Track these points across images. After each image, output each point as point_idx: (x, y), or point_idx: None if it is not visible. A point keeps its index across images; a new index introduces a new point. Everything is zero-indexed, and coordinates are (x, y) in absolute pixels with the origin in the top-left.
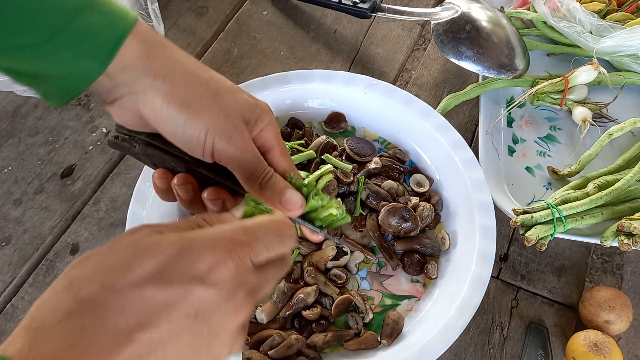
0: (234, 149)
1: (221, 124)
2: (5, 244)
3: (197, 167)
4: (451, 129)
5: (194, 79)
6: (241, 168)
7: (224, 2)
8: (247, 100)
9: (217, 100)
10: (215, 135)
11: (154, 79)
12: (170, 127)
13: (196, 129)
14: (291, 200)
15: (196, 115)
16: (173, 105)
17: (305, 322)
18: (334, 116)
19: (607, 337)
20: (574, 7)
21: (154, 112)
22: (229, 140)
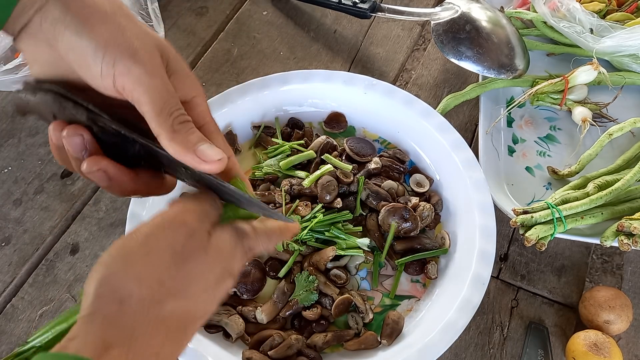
0: (139, 70)
1: (126, 39)
2: (5, 244)
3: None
4: (451, 129)
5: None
6: (149, 97)
7: (224, 2)
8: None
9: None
10: (117, 50)
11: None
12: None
13: (94, 39)
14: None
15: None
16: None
17: (305, 322)
18: (334, 116)
19: (607, 337)
20: (573, 7)
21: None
22: (134, 57)
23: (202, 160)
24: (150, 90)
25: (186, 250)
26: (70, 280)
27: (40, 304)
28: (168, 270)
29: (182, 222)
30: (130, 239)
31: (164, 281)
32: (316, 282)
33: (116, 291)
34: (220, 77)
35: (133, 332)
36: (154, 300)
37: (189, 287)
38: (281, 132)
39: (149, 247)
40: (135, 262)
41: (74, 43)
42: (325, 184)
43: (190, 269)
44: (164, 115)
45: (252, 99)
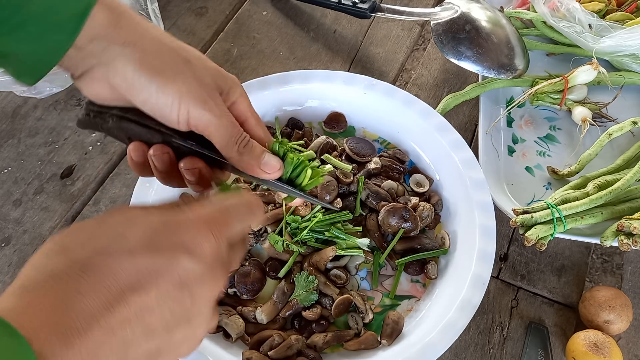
0: (209, 115)
1: (194, 90)
2: (5, 244)
3: (173, 138)
4: (451, 129)
5: (164, 47)
6: (218, 134)
7: (224, 2)
8: (218, 69)
9: (189, 67)
10: (190, 101)
11: (123, 47)
12: (142, 95)
13: (169, 96)
14: (269, 163)
15: (168, 82)
16: (144, 72)
17: (305, 323)
18: (333, 116)
19: (607, 337)
20: (573, 7)
21: (125, 81)
22: (204, 106)
23: (265, 172)
24: (219, 129)
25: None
26: None
27: None
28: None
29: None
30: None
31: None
32: (316, 282)
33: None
34: None
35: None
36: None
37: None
38: (281, 132)
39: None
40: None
41: (151, 99)
42: (325, 184)
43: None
44: (231, 144)
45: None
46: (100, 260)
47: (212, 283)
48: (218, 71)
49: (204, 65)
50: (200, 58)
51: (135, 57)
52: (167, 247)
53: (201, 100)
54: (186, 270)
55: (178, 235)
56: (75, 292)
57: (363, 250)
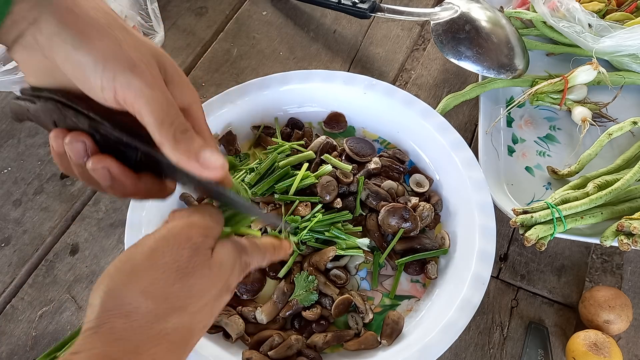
0: (139, 83)
1: (124, 53)
2: (5, 244)
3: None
4: (451, 129)
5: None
6: (150, 108)
7: (224, 2)
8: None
9: (123, 32)
10: (116, 64)
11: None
12: (64, 52)
13: (92, 54)
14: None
15: (95, 40)
16: (69, 27)
17: (305, 323)
18: (333, 116)
19: (607, 337)
20: (573, 7)
21: (48, 38)
22: (133, 70)
23: (204, 167)
24: (151, 101)
25: (190, 266)
26: (70, 280)
27: (40, 304)
28: (172, 286)
29: (187, 238)
30: (136, 251)
31: (168, 296)
32: (316, 282)
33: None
34: (220, 78)
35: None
36: (158, 316)
37: (192, 302)
38: (281, 132)
39: (154, 261)
40: (140, 276)
41: (72, 57)
42: (325, 184)
43: (193, 285)
44: (166, 125)
45: (252, 99)
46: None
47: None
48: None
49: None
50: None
51: (62, 10)
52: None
53: (130, 64)
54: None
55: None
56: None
57: (363, 250)
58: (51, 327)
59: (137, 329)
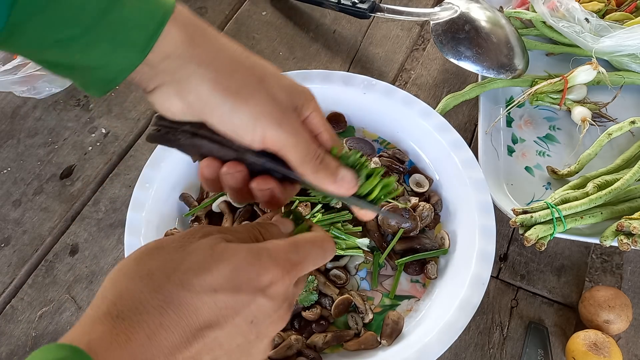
0: (285, 135)
1: (269, 111)
2: (5, 245)
3: (246, 155)
4: (450, 129)
5: (239, 66)
6: (294, 152)
7: (223, 2)
8: (292, 84)
9: (264, 86)
10: (265, 122)
11: (198, 66)
12: (216, 115)
13: (244, 117)
14: (345, 179)
15: (243, 103)
16: (219, 92)
17: (305, 323)
18: (333, 116)
19: (607, 337)
20: (573, 7)
21: (199, 100)
22: (280, 126)
23: (339, 187)
24: (295, 148)
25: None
26: (70, 281)
27: (39, 304)
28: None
29: (203, 228)
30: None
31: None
32: (316, 282)
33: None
34: None
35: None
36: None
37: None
38: None
39: (164, 243)
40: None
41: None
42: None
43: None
44: (307, 162)
45: None
46: (186, 295)
47: (277, 321)
48: (292, 87)
49: (278, 82)
50: (274, 75)
51: (209, 77)
52: (247, 288)
53: (277, 121)
54: (260, 309)
55: (259, 277)
56: (159, 325)
57: (363, 250)
58: (51, 328)
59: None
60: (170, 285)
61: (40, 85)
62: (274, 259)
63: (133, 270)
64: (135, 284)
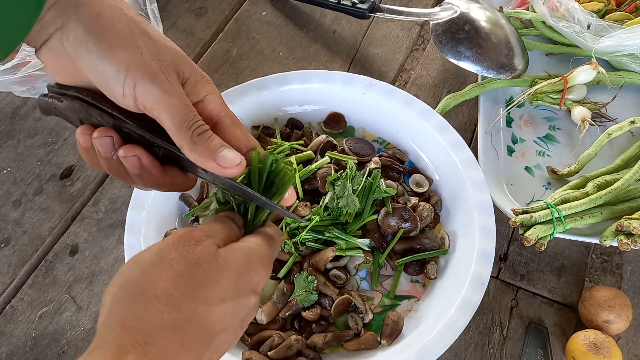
0: (158, 91)
1: (144, 62)
2: (5, 245)
3: (125, 123)
4: (450, 129)
5: (123, 15)
6: (168, 114)
7: (223, 2)
8: (184, 55)
9: (145, 39)
10: (137, 72)
11: (77, 8)
12: (88, 61)
13: (115, 64)
14: (227, 156)
15: (118, 49)
16: (94, 35)
17: (305, 323)
18: (333, 116)
19: (607, 337)
20: (572, 7)
21: (74, 46)
22: (153, 79)
23: (222, 166)
24: (170, 108)
25: (196, 256)
26: (70, 281)
27: (39, 305)
28: (181, 275)
29: (190, 235)
30: (144, 252)
31: (177, 284)
32: (316, 282)
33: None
34: (220, 78)
35: (148, 336)
36: (168, 303)
37: (203, 291)
38: (280, 133)
39: (162, 256)
40: (149, 269)
41: (96, 66)
42: (324, 174)
43: (201, 273)
44: (184, 129)
45: (251, 100)
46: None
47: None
48: (184, 56)
49: (165, 43)
50: (162, 37)
51: (88, 19)
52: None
53: (150, 73)
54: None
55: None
56: (180, 345)
57: (363, 250)
58: (51, 328)
59: (146, 318)
60: (188, 303)
61: (40, 85)
62: (261, 260)
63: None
64: (155, 306)
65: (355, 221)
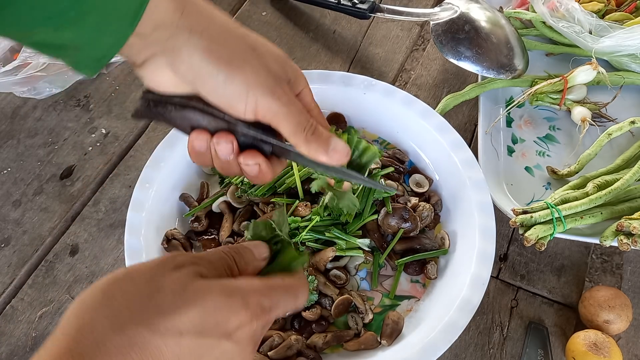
0: (277, 104)
1: (262, 79)
2: (5, 245)
3: (237, 126)
4: (450, 129)
5: (230, 34)
6: (287, 122)
7: (223, 2)
8: (284, 57)
9: (256, 55)
10: (258, 91)
11: (190, 35)
12: (209, 85)
13: (237, 85)
14: (337, 148)
15: (236, 72)
16: (212, 60)
17: (305, 323)
18: (333, 117)
19: (607, 337)
20: (572, 7)
21: (191, 70)
22: (272, 95)
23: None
24: (287, 116)
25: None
26: (70, 281)
27: (39, 305)
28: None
29: (174, 258)
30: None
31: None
32: (316, 282)
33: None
34: None
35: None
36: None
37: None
38: None
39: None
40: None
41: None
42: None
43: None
44: (299, 132)
45: None
46: (151, 338)
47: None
48: (284, 59)
49: (270, 52)
50: (265, 44)
51: (202, 45)
52: (214, 333)
53: (269, 90)
54: (224, 354)
55: (227, 321)
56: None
57: (363, 250)
58: (51, 328)
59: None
60: (134, 326)
61: (41, 86)
62: (245, 303)
63: (98, 303)
64: (100, 321)
65: (355, 221)
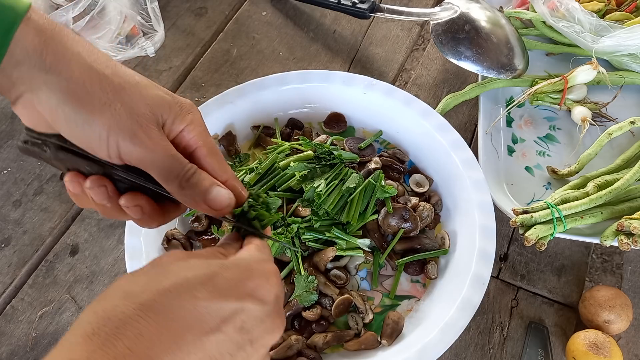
0: (140, 149)
1: (123, 123)
2: (5, 245)
3: (113, 170)
4: (450, 129)
5: (94, 74)
6: (154, 168)
7: (223, 2)
8: (160, 96)
9: (119, 97)
10: (118, 134)
11: (47, 74)
12: (68, 127)
13: (96, 128)
14: (217, 198)
15: (95, 114)
16: (70, 103)
17: (305, 323)
18: (333, 116)
19: (607, 337)
20: (573, 7)
21: (50, 112)
22: (133, 139)
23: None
24: (154, 162)
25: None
26: (70, 281)
27: (40, 305)
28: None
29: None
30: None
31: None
32: (316, 282)
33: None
34: (220, 78)
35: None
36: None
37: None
38: (281, 133)
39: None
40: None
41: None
42: None
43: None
44: (171, 179)
45: (252, 100)
46: (164, 300)
47: (272, 329)
48: (159, 98)
49: (141, 93)
50: (137, 84)
51: (59, 87)
52: (232, 294)
53: (130, 133)
54: (249, 315)
55: (243, 282)
56: (139, 335)
57: (363, 250)
58: (51, 328)
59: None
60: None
61: None
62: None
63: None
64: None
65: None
